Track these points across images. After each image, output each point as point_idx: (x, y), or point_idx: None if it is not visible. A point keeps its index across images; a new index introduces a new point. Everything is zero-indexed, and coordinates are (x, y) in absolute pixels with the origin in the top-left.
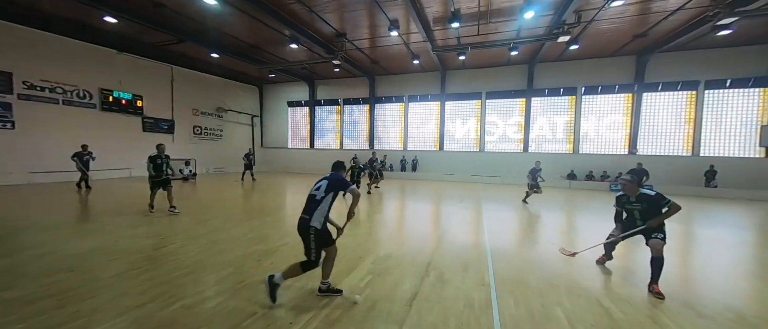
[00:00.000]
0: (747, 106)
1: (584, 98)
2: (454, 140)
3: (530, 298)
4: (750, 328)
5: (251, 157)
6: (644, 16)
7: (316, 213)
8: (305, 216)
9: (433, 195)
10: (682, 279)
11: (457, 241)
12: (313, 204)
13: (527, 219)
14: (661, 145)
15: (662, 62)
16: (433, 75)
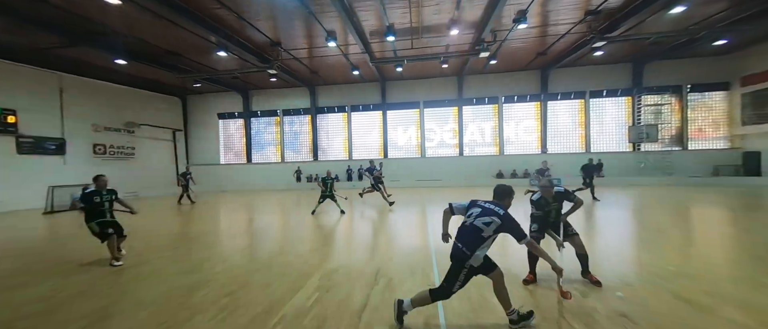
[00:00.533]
0: (618, 111)
1: (504, 106)
2: (398, 148)
3: (470, 292)
4: (628, 287)
5: (189, 176)
6: (543, 38)
7: (478, 252)
8: (465, 251)
9: (381, 203)
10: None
11: (404, 246)
12: (476, 239)
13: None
14: (563, 145)
15: (560, 76)
16: (373, 85)
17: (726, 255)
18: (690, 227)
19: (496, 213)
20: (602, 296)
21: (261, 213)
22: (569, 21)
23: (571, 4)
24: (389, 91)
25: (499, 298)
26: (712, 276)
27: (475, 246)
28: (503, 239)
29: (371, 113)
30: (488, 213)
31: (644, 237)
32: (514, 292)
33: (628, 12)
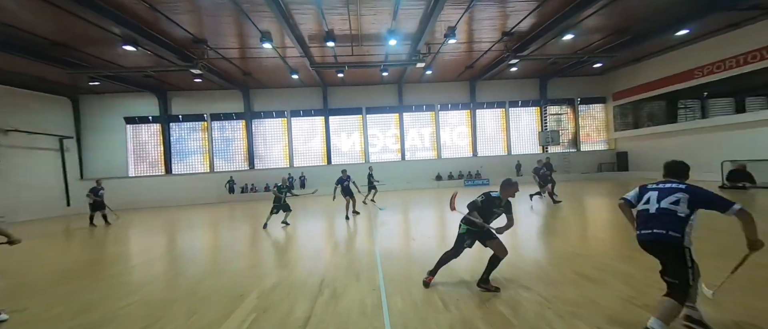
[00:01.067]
0: (530, 119)
1: (440, 113)
2: (341, 153)
3: (413, 291)
4: (539, 268)
5: (101, 191)
6: (470, 53)
7: (687, 231)
8: (675, 235)
9: (325, 209)
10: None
11: (349, 252)
12: (676, 220)
13: (410, 219)
14: (491, 149)
15: (485, 87)
16: (315, 90)
17: (608, 236)
18: (585, 215)
19: (679, 189)
20: (514, 283)
21: (185, 231)
22: (490, 40)
23: (490, 25)
24: (331, 96)
25: (690, 293)
26: (600, 254)
27: (683, 228)
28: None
29: (313, 119)
30: (672, 194)
31: (552, 226)
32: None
33: (534, 36)
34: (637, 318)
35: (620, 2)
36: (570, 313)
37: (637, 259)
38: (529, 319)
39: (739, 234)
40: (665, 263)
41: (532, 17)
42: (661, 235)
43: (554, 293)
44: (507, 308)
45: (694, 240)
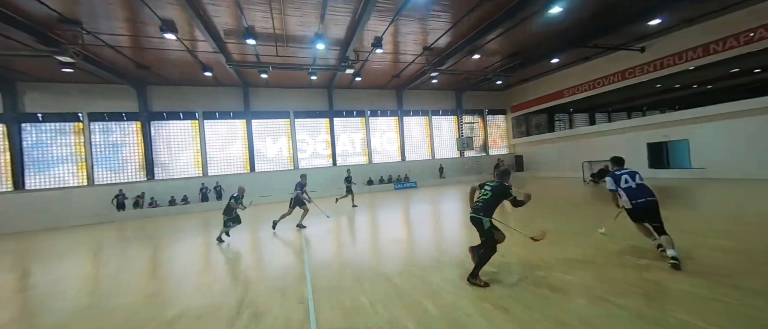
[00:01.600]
0: (450, 127)
1: (371, 119)
2: (267, 160)
3: (343, 298)
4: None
5: None
6: (396, 63)
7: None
8: (654, 197)
9: (246, 222)
10: (434, 241)
11: (274, 267)
12: (650, 188)
13: (344, 226)
14: (417, 153)
15: (411, 96)
16: (234, 90)
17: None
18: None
19: (636, 171)
20: (439, 271)
21: (47, 263)
22: (413, 53)
23: (413, 40)
24: (254, 98)
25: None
26: (503, 245)
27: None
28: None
29: (232, 122)
30: (636, 174)
31: (465, 221)
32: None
33: (450, 52)
34: (531, 296)
35: (510, 33)
36: (480, 298)
37: (531, 245)
38: (448, 310)
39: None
40: (651, 217)
41: (448, 36)
42: (652, 200)
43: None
44: (429, 301)
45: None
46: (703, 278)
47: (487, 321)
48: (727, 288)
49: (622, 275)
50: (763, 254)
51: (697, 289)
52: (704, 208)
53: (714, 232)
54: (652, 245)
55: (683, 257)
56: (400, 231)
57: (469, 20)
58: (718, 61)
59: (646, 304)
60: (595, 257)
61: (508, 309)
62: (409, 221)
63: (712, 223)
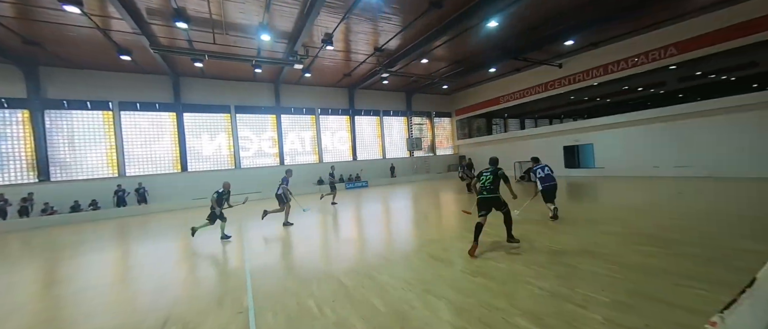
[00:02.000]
0: (400, 127)
1: (321, 117)
2: (203, 158)
3: (287, 303)
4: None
5: None
6: (347, 62)
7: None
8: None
9: (174, 228)
10: (384, 239)
11: (209, 275)
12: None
13: (292, 228)
14: (369, 153)
15: (363, 96)
16: (161, 79)
17: (453, 224)
18: (438, 208)
19: (547, 165)
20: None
21: None
22: (364, 52)
23: (364, 39)
24: (187, 89)
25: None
26: (446, 239)
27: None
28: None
29: (158, 115)
30: (546, 167)
31: (414, 218)
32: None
33: (400, 55)
34: (470, 284)
35: (455, 41)
36: (425, 291)
37: (469, 238)
38: (395, 304)
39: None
40: (552, 194)
41: (398, 39)
42: (554, 183)
43: (414, 276)
44: (377, 298)
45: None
46: (598, 259)
47: (430, 312)
48: (615, 265)
49: (543, 259)
50: (641, 236)
51: (595, 268)
52: (602, 200)
53: (609, 220)
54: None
55: (587, 243)
56: (351, 231)
57: (418, 26)
58: (614, 79)
59: (559, 284)
60: (522, 244)
61: (449, 299)
62: (359, 220)
63: (607, 212)
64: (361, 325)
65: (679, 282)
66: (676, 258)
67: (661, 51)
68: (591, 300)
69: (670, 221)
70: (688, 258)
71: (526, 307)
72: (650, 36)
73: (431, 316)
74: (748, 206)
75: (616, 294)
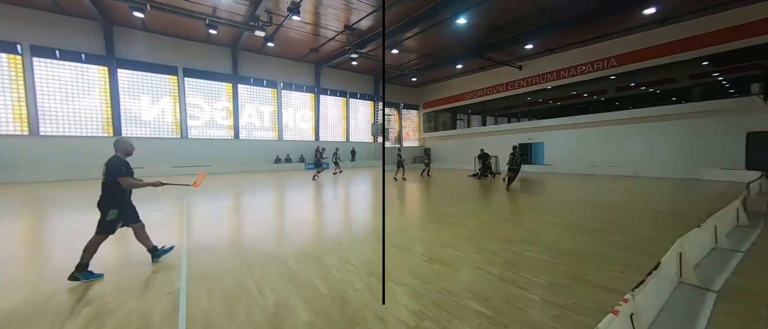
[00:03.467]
0: (366, 112)
1: (283, 92)
2: (141, 123)
3: (226, 284)
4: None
5: None
6: (315, 37)
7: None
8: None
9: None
10: (337, 221)
11: (140, 253)
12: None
13: (238, 205)
14: (332, 134)
15: (330, 74)
16: (88, 25)
17: (414, 212)
18: (402, 197)
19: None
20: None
21: None
22: (334, 29)
23: (335, 15)
24: (123, 41)
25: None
26: (406, 228)
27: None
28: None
29: (86, 67)
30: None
31: (376, 207)
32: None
33: (371, 37)
34: (427, 271)
35: (425, 34)
36: (368, 273)
37: (429, 227)
38: (338, 285)
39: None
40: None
41: (370, 20)
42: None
43: (365, 259)
44: (321, 280)
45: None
46: (541, 246)
47: (389, 297)
48: (555, 252)
49: (495, 247)
50: (576, 227)
51: (537, 255)
52: (548, 195)
53: (552, 212)
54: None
55: (533, 232)
56: (304, 212)
57: (391, 14)
58: (565, 85)
59: (506, 269)
60: (477, 233)
61: (406, 284)
62: (315, 202)
63: (551, 205)
64: (301, 306)
65: (603, 266)
66: (602, 246)
67: (604, 62)
68: (532, 283)
69: (600, 214)
70: (612, 245)
71: (477, 291)
72: (596, 47)
73: (371, 298)
74: (660, 202)
75: (552, 277)
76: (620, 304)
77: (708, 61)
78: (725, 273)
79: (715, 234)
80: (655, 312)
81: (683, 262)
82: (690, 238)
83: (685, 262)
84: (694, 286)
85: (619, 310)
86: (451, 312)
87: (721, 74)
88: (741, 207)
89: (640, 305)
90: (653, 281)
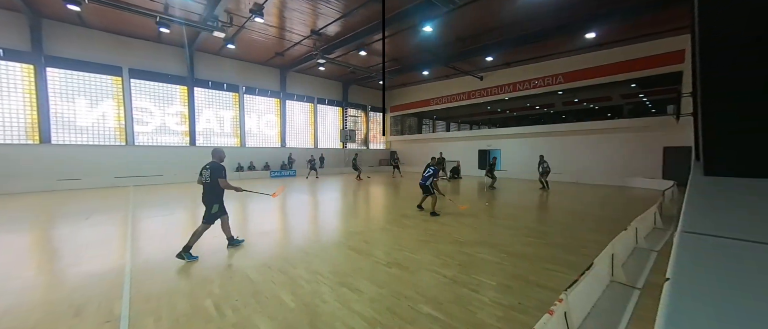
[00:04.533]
0: (334, 118)
1: (246, 97)
2: (77, 129)
3: (177, 305)
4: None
5: None
6: (281, 40)
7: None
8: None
9: (29, 217)
10: (304, 231)
11: (72, 277)
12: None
13: (194, 217)
14: (299, 140)
15: (296, 79)
16: (9, 17)
17: (372, 215)
18: (367, 201)
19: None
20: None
21: None
22: (300, 33)
23: (301, 19)
24: (54, 36)
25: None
26: (368, 232)
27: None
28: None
29: (5, 64)
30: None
31: (340, 210)
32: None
33: (339, 43)
34: (384, 276)
35: (393, 39)
36: (339, 283)
37: (390, 230)
38: (306, 299)
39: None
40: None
41: (337, 25)
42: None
43: (331, 268)
44: (288, 294)
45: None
46: (492, 248)
47: (341, 304)
48: (504, 253)
49: (450, 250)
50: (525, 230)
51: (489, 257)
52: (502, 199)
53: (504, 216)
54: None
55: (485, 235)
56: (270, 223)
57: (358, 16)
58: (520, 97)
59: (459, 271)
60: (435, 236)
61: (362, 290)
62: (281, 211)
63: (504, 209)
64: (265, 324)
65: (546, 267)
66: (546, 247)
67: (553, 78)
68: (483, 285)
69: (546, 217)
70: (555, 247)
71: (431, 294)
72: (547, 64)
73: (342, 309)
74: (597, 206)
75: (502, 278)
76: (556, 304)
77: (635, 84)
78: (646, 271)
79: (637, 235)
80: (588, 309)
81: (614, 262)
82: (619, 240)
83: (616, 262)
84: (622, 284)
85: (554, 310)
86: (404, 317)
87: (645, 95)
88: (657, 212)
89: (574, 304)
90: (586, 280)
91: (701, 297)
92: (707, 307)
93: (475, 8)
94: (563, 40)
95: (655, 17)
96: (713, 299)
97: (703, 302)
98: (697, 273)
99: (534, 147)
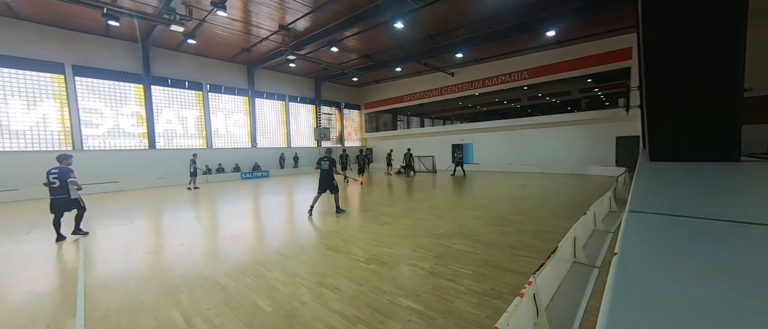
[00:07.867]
0: (308, 115)
1: (211, 95)
2: (11, 133)
3: (140, 321)
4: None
5: None
6: (247, 35)
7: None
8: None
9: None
10: (279, 234)
11: (14, 297)
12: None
13: (156, 225)
14: (271, 140)
15: (265, 77)
16: None
17: (356, 212)
18: (343, 199)
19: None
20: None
21: None
22: (268, 28)
23: (268, 14)
24: None
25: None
26: (347, 230)
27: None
28: None
29: None
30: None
31: (324, 210)
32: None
33: (310, 38)
34: (363, 273)
35: (366, 34)
36: (318, 283)
37: (369, 228)
38: (284, 302)
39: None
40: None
41: (307, 21)
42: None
43: (309, 269)
44: (265, 299)
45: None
46: (467, 238)
47: (320, 305)
48: (477, 243)
49: (427, 243)
50: (497, 219)
51: (463, 247)
52: (475, 190)
53: (477, 206)
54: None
55: (460, 226)
56: (241, 226)
57: (329, 12)
58: (489, 92)
59: (436, 263)
60: (413, 231)
61: (341, 288)
62: (254, 213)
63: (477, 200)
64: None
65: (517, 253)
66: (517, 234)
67: (518, 74)
68: (458, 274)
69: (516, 206)
70: (524, 234)
71: (410, 287)
72: (513, 60)
73: (322, 309)
74: (562, 194)
75: (476, 267)
76: (525, 287)
77: (591, 79)
78: (603, 251)
79: (595, 219)
80: (554, 289)
81: (576, 245)
82: (580, 224)
83: (578, 245)
84: (583, 264)
85: (524, 293)
86: (383, 312)
87: (600, 90)
88: (612, 196)
89: (542, 285)
90: (551, 263)
91: (642, 266)
92: (648, 274)
93: (443, 6)
94: (527, 38)
95: (603, 17)
96: (652, 267)
97: (644, 270)
98: (640, 247)
99: (503, 140)
